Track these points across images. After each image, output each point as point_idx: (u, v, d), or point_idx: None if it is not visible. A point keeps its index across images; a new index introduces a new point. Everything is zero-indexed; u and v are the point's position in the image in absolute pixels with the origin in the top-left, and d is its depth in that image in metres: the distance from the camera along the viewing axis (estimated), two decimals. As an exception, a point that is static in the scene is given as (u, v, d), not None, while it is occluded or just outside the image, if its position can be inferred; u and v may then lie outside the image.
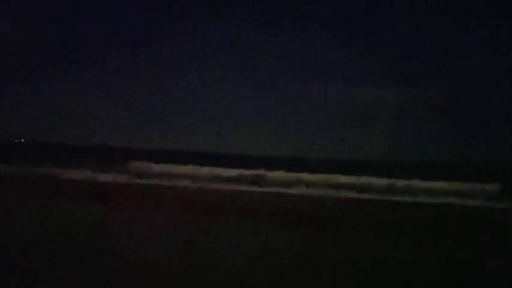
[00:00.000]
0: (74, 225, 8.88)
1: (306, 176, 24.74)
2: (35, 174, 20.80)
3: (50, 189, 15.39)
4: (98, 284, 5.60)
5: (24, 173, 21.00)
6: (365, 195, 19.11)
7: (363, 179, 24.65)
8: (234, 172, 25.70)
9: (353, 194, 19.38)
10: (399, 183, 23.80)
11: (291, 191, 19.84)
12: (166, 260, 6.68)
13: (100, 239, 7.84)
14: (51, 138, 65.15)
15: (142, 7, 72.63)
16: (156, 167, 27.30)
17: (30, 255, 6.65)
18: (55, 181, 18.67)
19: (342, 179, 24.76)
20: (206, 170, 26.27)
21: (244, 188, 19.57)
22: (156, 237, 8.32)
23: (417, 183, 23.93)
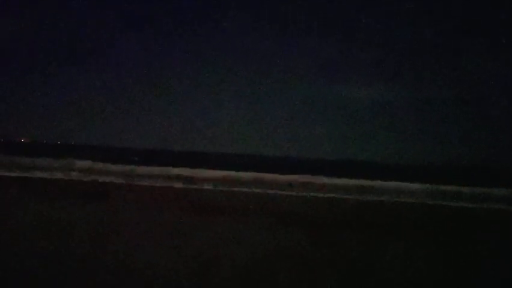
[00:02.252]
0: (73, 226, 8.87)
1: (306, 178, 24.80)
2: (35, 175, 20.81)
3: (50, 189, 15.40)
4: (97, 284, 5.60)
5: (24, 173, 21.01)
6: (365, 197, 19.11)
7: (364, 181, 24.68)
8: (233, 174, 25.74)
9: (353, 195, 19.38)
10: (399, 185, 23.85)
11: (290, 192, 19.84)
12: (165, 261, 6.68)
13: (99, 239, 7.84)
14: (51, 138, 65.26)
15: (145, 6, 72.69)
16: (156, 169, 27.33)
17: (29, 255, 6.65)
18: (55, 181, 18.68)
19: (341, 180, 24.80)
20: (205, 172, 26.31)
21: (243, 189, 19.56)
22: (156, 237, 8.32)
23: (417, 185, 23.99)
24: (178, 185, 20.06)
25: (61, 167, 25.89)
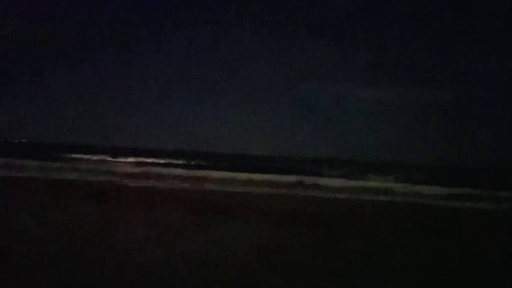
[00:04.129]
0: (73, 226, 8.88)
1: (305, 178, 24.85)
2: (35, 175, 20.81)
3: (50, 189, 15.40)
4: (97, 283, 5.60)
5: (24, 174, 21.03)
6: (366, 197, 19.13)
7: (364, 181, 24.74)
8: (232, 174, 25.78)
9: (353, 196, 19.40)
10: (399, 186, 23.92)
11: (291, 192, 19.87)
12: (165, 261, 6.68)
13: (99, 239, 7.84)
14: (51, 138, 65.30)
15: (146, 8, 72.68)
16: (156, 169, 27.37)
17: (30, 255, 6.65)
18: (56, 181, 18.68)
19: (342, 180, 24.87)
20: (205, 172, 26.35)
21: (243, 189, 19.59)
22: (155, 237, 8.32)
23: (416, 186, 24.04)
24: (179, 185, 20.06)
25: (61, 167, 25.93)
